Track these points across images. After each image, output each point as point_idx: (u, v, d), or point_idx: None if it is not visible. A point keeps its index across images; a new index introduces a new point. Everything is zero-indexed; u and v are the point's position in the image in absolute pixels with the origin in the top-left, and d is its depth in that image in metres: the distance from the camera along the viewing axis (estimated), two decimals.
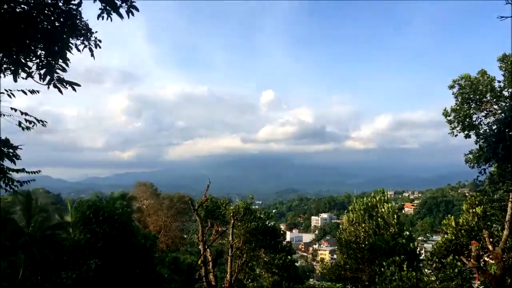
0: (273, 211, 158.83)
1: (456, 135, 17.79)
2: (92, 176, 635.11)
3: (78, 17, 6.57)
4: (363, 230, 24.82)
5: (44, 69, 6.59)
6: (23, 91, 6.80)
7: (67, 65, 6.64)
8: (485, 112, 17.09)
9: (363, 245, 24.92)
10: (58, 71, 6.66)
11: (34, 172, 8.09)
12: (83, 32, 6.71)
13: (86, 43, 6.79)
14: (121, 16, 6.53)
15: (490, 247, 18.35)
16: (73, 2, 6.50)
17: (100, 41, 6.90)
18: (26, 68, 6.48)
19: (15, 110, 6.87)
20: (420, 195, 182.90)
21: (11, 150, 7.07)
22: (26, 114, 6.99)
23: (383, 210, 24.87)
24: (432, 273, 21.16)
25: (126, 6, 6.54)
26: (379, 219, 24.39)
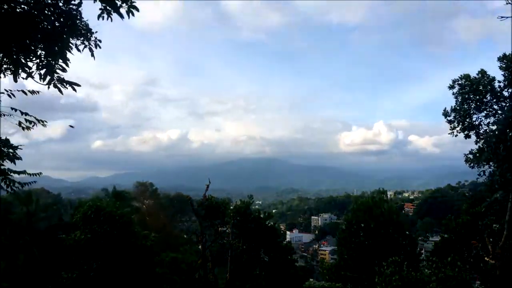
0: (273, 211, 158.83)
1: (456, 135, 17.75)
2: (92, 176, 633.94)
3: (78, 17, 6.59)
4: (363, 230, 24.86)
5: (44, 69, 6.60)
6: (23, 91, 6.81)
7: (67, 65, 6.65)
8: (485, 112, 17.07)
9: (363, 245, 24.95)
10: (58, 71, 6.67)
11: (35, 174, 8.07)
12: (83, 32, 6.72)
13: (86, 43, 6.81)
14: (121, 16, 6.55)
15: (490, 247, 18.37)
16: (73, 2, 6.51)
17: (100, 41, 6.91)
18: (26, 68, 6.49)
19: (15, 110, 6.87)
20: (420, 195, 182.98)
21: (11, 151, 7.07)
22: (26, 114, 6.99)
23: (383, 210, 24.92)
24: (432, 273, 21.16)
25: (127, 6, 6.56)
26: (379, 218, 24.44)
